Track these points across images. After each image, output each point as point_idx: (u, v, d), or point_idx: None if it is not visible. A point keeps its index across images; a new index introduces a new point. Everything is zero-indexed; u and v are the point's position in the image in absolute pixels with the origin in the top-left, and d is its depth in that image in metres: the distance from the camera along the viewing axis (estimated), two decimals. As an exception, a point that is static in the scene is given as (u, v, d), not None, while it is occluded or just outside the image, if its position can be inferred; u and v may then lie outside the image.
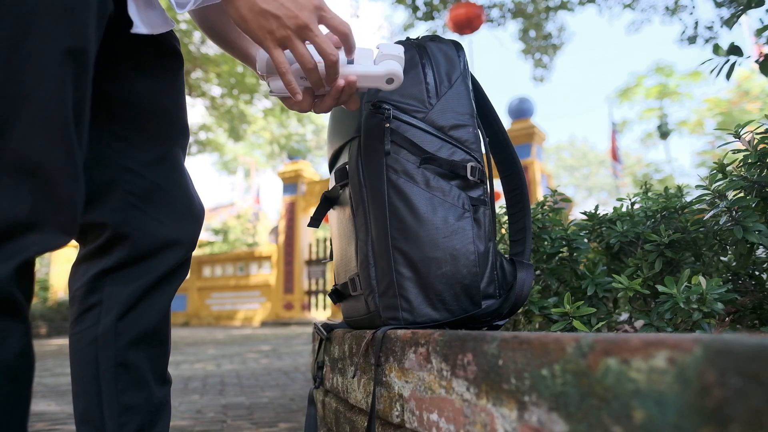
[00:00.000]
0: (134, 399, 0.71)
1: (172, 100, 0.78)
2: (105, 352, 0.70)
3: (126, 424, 0.70)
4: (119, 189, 0.71)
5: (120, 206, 0.71)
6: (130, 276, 0.72)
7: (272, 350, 4.14)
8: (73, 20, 0.54)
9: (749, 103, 14.75)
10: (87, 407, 0.71)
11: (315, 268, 9.90)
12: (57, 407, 1.89)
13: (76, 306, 0.73)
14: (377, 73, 0.72)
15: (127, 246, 0.72)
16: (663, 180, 17.39)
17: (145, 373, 0.73)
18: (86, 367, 0.71)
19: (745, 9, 1.38)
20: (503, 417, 0.50)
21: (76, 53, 0.55)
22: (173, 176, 0.76)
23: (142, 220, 0.72)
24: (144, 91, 0.74)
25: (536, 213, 1.27)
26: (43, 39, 0.53)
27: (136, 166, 0.72)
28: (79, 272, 0.74)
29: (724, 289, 0.86)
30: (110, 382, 0.70)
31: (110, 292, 0.71)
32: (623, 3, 7.00)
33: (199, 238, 0.80)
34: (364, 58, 0.72)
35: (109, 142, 0.71)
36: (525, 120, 8.68)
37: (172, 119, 0.77)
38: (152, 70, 0.75)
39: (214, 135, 11.20)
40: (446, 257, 0.84)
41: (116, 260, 0.71)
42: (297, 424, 1.54)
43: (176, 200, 0.76)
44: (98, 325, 0.71)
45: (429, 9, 6.96)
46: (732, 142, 1.02)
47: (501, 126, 1.00)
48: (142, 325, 0.73)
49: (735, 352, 0.30)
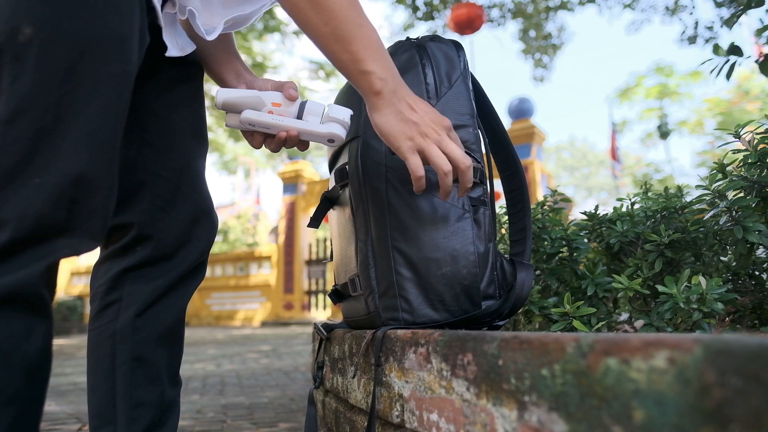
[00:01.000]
0: (147, 395, 0.73)
1: (193, 111, 0.83)
2: (122, 346, 0.73)
3: (137, 419, 0.72)
4: (148, 192, 0.76)
5: (147, 208, 0.75)
6: (150, 275, 0.75)
7: (272, 350, 4.14)
8: (123, 47, 0.61)
9: (749, 103, 14.74)
10: (101, 401, 0.73)
11: (315, 268, 9.90)
12: (57, 407, 1.89)
13: (96, 303, 0.76)
14: (320, 133, 0.78)
15: (150, 246, 0.75)
16: (663, 180, 17.39)
17: (159, 370, 0.75)
18: (103, 361, 0.73)
19: (745, 9, 1.38)
20: (503, 417, 0.50)
21: (124, 76, 0.61)
22: (196, 182, 0.81)
23: (166, 221, 0.76)
24: (171, 103, 0.79)
25: (536, 213, 1.27)
26: (98, 63, 0.59)
27: (163, 171, 0.77)
28: (102, 271, 0.77)
29: (724, 289, 0.86)
30: (125, 375, 0.72)
31: (130, 289, 0.74)
32: (623, 3, 7.00)
33: (214, 241, 0.84)
34: (313, 114, 0.79)
35: (139, 149, 0.76)
36: (525, 120, 8.67)
37: (194, 129, 0.82)
38: (178, 83, 0.80)
39: (214, 135, 11.20)
40: (446, 258, 0.84)
41: (138, 259, 0.75)
42: (297, 424, 1.54)
43: (197, 205, 0.80)
44: (117, 321, 0.74)
45: (429, 9, 6.96)
46: (732, 142, 1.02)
47: (501, 126, 1.00)
48: (160, 324, 0.75)
49: (735, 352, 0.30)
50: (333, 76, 10.29)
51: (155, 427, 0.74)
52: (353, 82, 0.71)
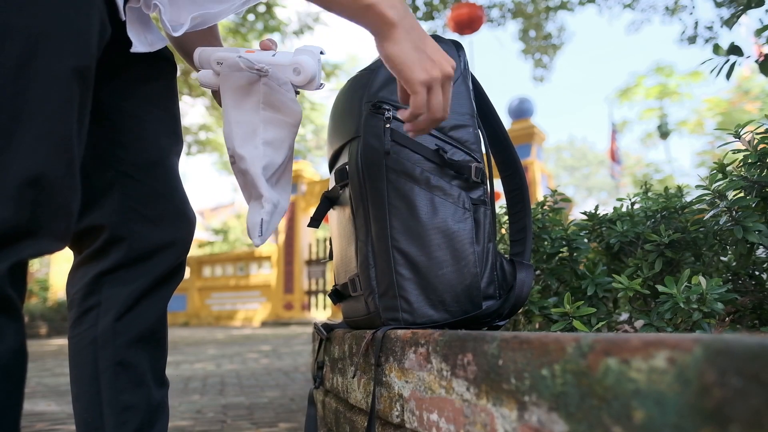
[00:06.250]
0: (133, 398, 0.72)
1: (166, 109, 0.80)
2: (104, 352, 0.72)
3: (125, 423, 0.71)
4: (118, 192, 0.73)
5: (118, 209, 0.73)
6: (127, 278, 0.74)
7: (272, 350, 4.14)
8: (78, 41, 0.58)
9: (749, 103, 14.74)
10: (87, 408, 0.71)
11: (315, 268, 9.90)
12: (57, 407, 1.89)
13: (74, 309, 0.74)
14: (287, 62, 0.78)
15: (124, 248, 0.73)
16: (663, 180, 17.37)
17: (143, 373, 0.74)
18: (86, 368, 0.72)
19: (745, 9, 1.38)
20: (503, 417, 0.50)
21: (81, 71, 0.58)
22: (169, 181, 0.79)
23: (139, 222, 0.74)
24: (141, 101, 0.77)
25: (536, 213, 1.27)
26: (51, 59, 0.56)
27: (134, 171, 0.75)
28: (77, 276, 0.75)
29: (724, 289, 0.86)
30: (110, 381, 0.71)
31: (108, 293, 0.73)
32: (623, 3, 6.99)
33: (192, 241, 0.82)
34: (283, 54, 0.79)
35: (107, 148, 0.73)
36: (525, 120, 8.67)
37: (166, 127, 0.80)
38: (148, 81, 0.78)
39: (214, 135, 11.20)
40: (446, 258, 0.84)
41: (113, 262, 0.73)
42: (297, 424, 1.54)
43: (171, 204, 0.78)
44: (97, 326, 0.72)
45: (429, 9, 6.96)
46: (732, 142, 1.02)
47: (501, 126, 1.00)
48: (140, 326, 0.74)
49: (735, 352, 0.30)
50: (333, 76, 10.28)
51: (144, 429, 0.73)
52: (360, 21, 0.67)
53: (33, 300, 9.78)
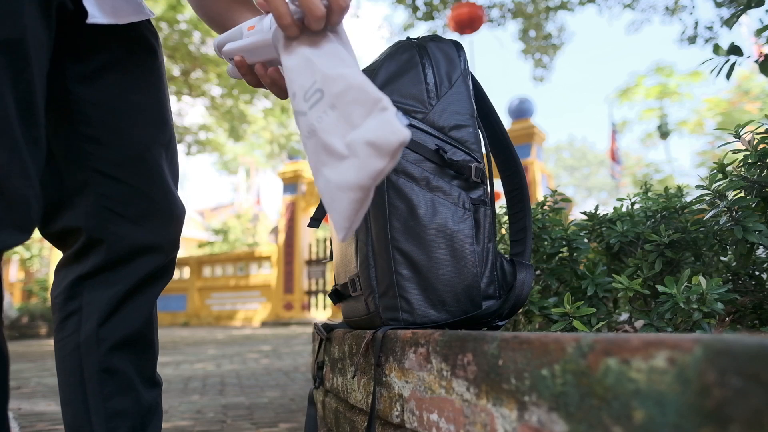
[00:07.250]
0: (121, 404, 0.70)
1: (147, 96, 0.74)
2: (88, 359, 0.69)
3: (115, 429, 0.69)
4: (93, 192, 0.69)
5: (94, 210, 0.69)
6: (108, 281, 0.71)
7: (272, 350, 4.14)
8: (5, 10, 0.51)
9: (749, 103, 14.74)
10: (75, 415, 0.70)
11: (315, 268, 9.89)
12: (57, 407, 1.89)
13: (57, 313, 0.72)
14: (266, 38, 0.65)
15: (102, 250, 0.70)
16: (663, 180, 17.38)
17: (131, 378, 0.72)
18: (71, 375, 0.70)
19: (745, 9, 1.38)
20: (503, 417, 0.50)
21: (9, 44, 0.52)
22: (151, 177, 0.73)
23: (118, 223, 0.70)
24: (115, 89, 0.70)
25: (536, 213, 1.27)
26: None
27: (110, 169, 0.70)
28: (59, 279, 0.73)
29: (724, 289, 0.86)
30: (96, 388, 0.69)
31: (89, 298, 0.70)
32: (623, 3, 7.00)
33: (180, 238, 0.78)
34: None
35: (79, 145, 0.68)
36: (525, 120, 8.67)
37: (147, 116, 0.74)
38: (124, 66, 0.71)
39: (214, 135, 11.20)
40: (446, 258, 0.84)
41: (93, 265, 0.70)
42: (297, 424, 1.54)
43: (154, 202, 0.73)
44: (80, 332, 0.70)
45: (429, 9, 6.96)
46: (732, 142, 1.02)
47: (501, 126, 1.00)
48: (125, 330, 0.71)
49: (735, 352, 0.30)
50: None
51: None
52: None
53: (33, 300, 9.77)
